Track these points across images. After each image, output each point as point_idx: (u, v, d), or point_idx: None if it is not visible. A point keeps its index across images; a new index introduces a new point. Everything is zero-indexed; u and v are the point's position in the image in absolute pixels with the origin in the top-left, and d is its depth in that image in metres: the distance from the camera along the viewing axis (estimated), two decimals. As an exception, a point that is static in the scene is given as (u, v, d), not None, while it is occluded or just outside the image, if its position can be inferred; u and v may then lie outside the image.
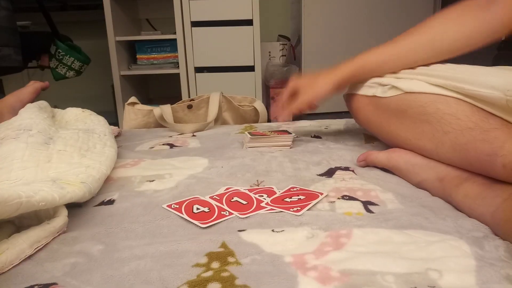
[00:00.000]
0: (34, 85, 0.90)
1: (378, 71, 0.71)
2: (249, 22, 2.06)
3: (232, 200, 0.57)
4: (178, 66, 2.15)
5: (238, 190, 0.61)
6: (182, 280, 0.39)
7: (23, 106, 0.77)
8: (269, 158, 0.75)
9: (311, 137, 0.92)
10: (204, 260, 0.43)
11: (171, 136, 0.97)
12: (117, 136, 0.97)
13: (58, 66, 1.93)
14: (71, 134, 0.70)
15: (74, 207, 0.56)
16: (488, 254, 0.42)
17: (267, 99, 2.40)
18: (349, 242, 0.45)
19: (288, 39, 2.62)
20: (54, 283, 0.39)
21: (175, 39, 2.11)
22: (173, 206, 0.56)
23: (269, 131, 0.87)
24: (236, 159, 0.75)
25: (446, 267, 0.40)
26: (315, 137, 0.92)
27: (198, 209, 0.55)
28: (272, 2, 2.68)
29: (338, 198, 0.57)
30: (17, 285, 0.39)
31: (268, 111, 1.12)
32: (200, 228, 0.50)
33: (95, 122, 0.83)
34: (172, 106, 1.07)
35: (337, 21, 2.56)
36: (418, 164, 0.63)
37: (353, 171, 0.68)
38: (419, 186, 0.62)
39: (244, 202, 0.56)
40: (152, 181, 0.66)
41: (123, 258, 0.44)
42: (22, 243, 0.44)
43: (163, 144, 0.89)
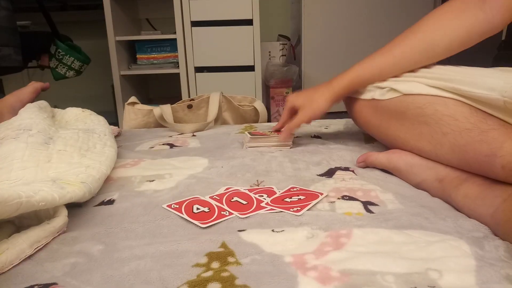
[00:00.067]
0: (34, 85, 0.90)
1: (374, 80, 0.71)
2: (249, 22, 2.06)
3: (232, 200, 0.57)
4: (178, 66, 2.15)
5: (238, 190, 0.61)
6: (182, 280, 0.39)
7: (23, 106, 0.77)
8: (269, 158, 0.75)
9: (311, 137, 0.92)
10: (204, 260, 0.43)
11: (171, 136, 0.97)
12: (117, 136, 0.97)
13: (58, 66, 1.93)
14: (71, 134, 0.70)
15: (74, 207, 0.56)
16: (488, 254, 0.42)
17: (267, 99, 2.40)
18: (349, 242, 0.46)
19: (288, 39, 2.62)
20: (54, 283, 0.39)
21: (175, 39, 2.10)
22: (173, 206, 0.56)
23: (268, 131, 0.87)
24: (236, 159, 0.75)
25: (446, 267, 0.40)
26: (315, 137, 0.92)
27: (198, 209, 0.55)
28: (272, 2, 2.68)
29: (338, 198, 0.57)
30: (17, 285, 0.39)
31: (268, 111, 1.12)
32: (200, 228, 0.50)
33: (95, 122, 0.83)
34: (172, 106, 1.07)
35: (337, 21, 2.56)
36: (418, 165, 0.63)
37: (353, 171, 0.68)
38: (419, 186, 0.62)
39: (244, 202, 0.56)
40: (152, 181, 0.66)
41: (123, 258, 0.44)
42: (22, 243, 0.44)
43: (163, 144, 0.89)
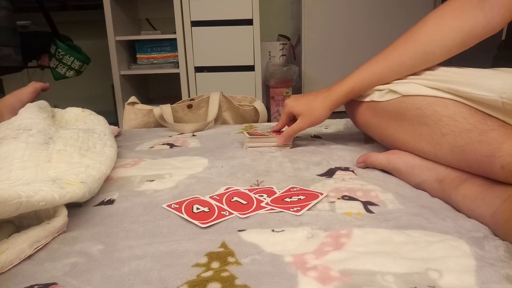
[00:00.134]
0: (34, 85, 0.90)
1: (374, 86, 0.71)
2: (249, 22, 2.06)
3: (232, 200, 0.57)
4: (178, 66, 2.15)
5: (238, 190, 0.61)
6: (182, 280, 0.39)
7: (23, 106, 0.77)
8: (269, 158, 0.75)
9: (311, 137, 0.92)
10: (204, 260, 0.43)
11: (171, 136, 0.97)
12: (117, 136, 0.97)
13: (58, 66, 1.93)
14: (71, 134, 0.70)
15: (74, 207, 0.55)
16: (488, 254, 0.42)
17: (267, 99, 2.40)
18: (349, 242, 0.45)
19: (288, 39, 2.62)
20: (54, 283, 0.39)
21: (175, 39, 2.10)
22: (173, 206, 0.56)
23: (268, 132, 0.87)
24: (236, 159, 0.75)
25: (446, 267, 0.40)
26: (315, 137, 0.92)
27: (198, 209, 0.55)
28: (272, 2, 2.68)
29: (338, 198, 0.57)
30: (17, 285, 0.39)
31: (268, 111, 1.12)
32: (200, 228, 0.50)
33: (95, 122, 0.83)
34: (172, 105, 1.07)
35: (337, 21, 2.56)
36: (418, 165, 0.63)
37: (353, 172, 0.68)
38: (419, 187, 0.62)
39: (244, 202, 0.56)
40: (152, 181, 0.66)
41: (123, 258, 0.44)
42: (22, 243, 0.44)
43: (163, 144, 0.89)
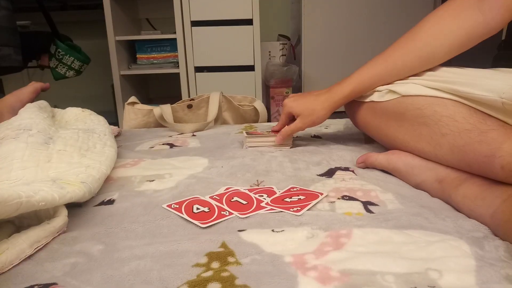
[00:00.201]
0: (34, 85, 0.90)
1: (374, 87, 0.71)
2: (249, 22, 2.06)
3: (232, 200, 0.57)
4: (178, 66, 2.15)
5: (238, 190, 0.61)
6: (182, 280, 0.39)
7: (23, 106, 0.77)
8: (269, 158, 0.75)
9: (311, 137, 0.92)
10: (204, 260, 0.43)
11: (171, 136, 0.97)
12: (117, 136, 0.97)
13: (58, 65, 1.93)
14: (71, 134, 0.70)
15: (74, 207, 0.56)
16: (488, 254, 0.42)
17: (267, 99, 2.39)
18: (349, 242, 0.45)
19: (288, 39, 2.61)
20: (54, 283, 0.39)
21: (175, 39, 2.10)
22: (173, 206, 0.56)
23: (267, 131, 0.87)
24: (236, 159, 0.75)
25: (446, 267, 0.40)
26: (315, 137, 0.92)
27: (198, 209, 0.55)
28: (272, 2, 2.68)
29: (338, 198, 0.57)
30: (17, 285, 0.39)
31: (268, 111, 1.12)
32: (200, 228, 0.50)
33: (95, 122, 0.83)
34: (172, 105, 1.07)
35: (337, 21, 2.56)
36: (417, 165, 0.63)
37: (353, 172, 0.68)
38: (419, 187, 0.62)
39: (244, 202, 0.56)
40: (152, 181, 0.66)
41: (123, 258, 0.44)
42: (22, 243, 0.44)
43: (163, 144, 0.89)
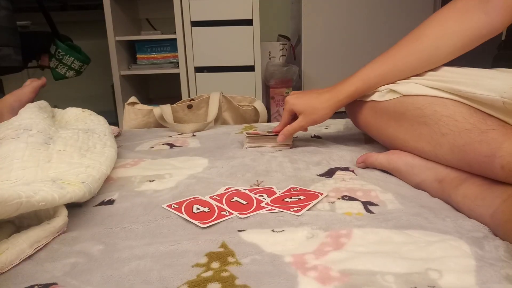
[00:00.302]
0: (33, 84, 0.90)
1: (376, 87, 0.71)
2: (249, 22, 2.06)
3: (232, 200, 0.57)
4: (178, 66, 2.15)
5: (238, 190, 0.61)
6: (182, 280, 0.39)
7: (23, 106, 0.77)
8: (269, 158, 0.75)
9: (311, 137, 0.92)
10: (204, 260, 0.43)
11: (171, 136, 0.97)
12: (117, 136, 0.97)
13: (58, 66, 1.93)
14: (71, 134, 0.70)
15: (74, 207, 0.56)
16: (488, 254, 0.42)
17: (267, 99, 2.39)
18: (349, 242, 0.45)
19: (288, 39, 2.61)
20: (54, 283, 0.39)
21: (175, 39, 2.10)
22: (173, 206, 0.56)
23: (268, 131, 0.87)
24: (236, 159, 0.75)
25: (446, 267, 0.40)
26: (315, 137, 0.92)
27: (198, 209, 0.55)
28: (272, 2, 2.68)
29: (338, 198, 0.57)
30: (17, 285, 0.39)
31: (268, 111, 1.12)
32: (200, 228, 0.50)
33: (95, 122, 0.83)
34: (172, 106, 1.07)
35: (337, 21, 2.56)
36: (417, 165, 0.63)
37: (353, 172, 0.68)
38: (419, 187, 0.62)
39: (244, 202, 0.56)
40: (152, 181, 0.66)
41: (123, 258, 0.44)
42: (22, 243, 0.44)
43: (163, 144, 0.89)
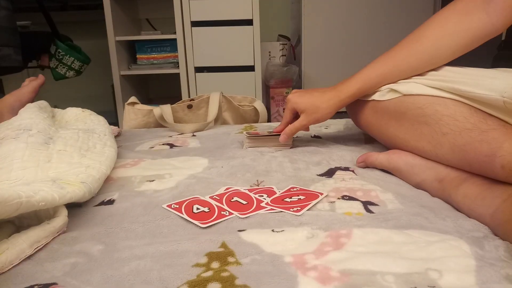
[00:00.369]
0: (32, 84, 0.89)
1: (378, 87, 0.71)
2: (249, 22, 2.06)
3: (232, 200, 0.57)
4: (178, 66, 2.15)
5: (238, 190, 0.61)
6: (182, 280, 0.39)
7: (23, 106, 0.77)
8: (269, 158, 0.75)
9: (311, 137, 0.92)
10: (204, 260, 0.43)
11: (171, 136, 0.97)
12: (117, 136, 0.97)
13: (58, 66, 1.93)
14: (71, 134, 0.70)
15: (74, 207, 0.56)
16: (488, 254, 0.42)
17: (267, 99, 2.39)
18: (349, 242, 0.45)
19: (288, 39, 2.61)
20: (54, 283, 0.39)
21: (175, 39, 2.10)
22: (173, 206, 0.56)
23: (268, 131, 0.87)
24: (236, 159, 0.75)
25: (446, 267, 0.40)
26: (315, 137, 0.92)
27: (198, 209, 0.55)
28: (272, 2, 2.68)
29: (338, 198, 0.57)
30: (17, 285, 0.39)
31: (268, 111, 1.12)
32: (200, 228, 0.50)
33: (95, 122, 0.83)
34: (172, 106, 1.07)
35: (337, 21, 2.56)
36: (418, 165, 0.63)
37: (353, 171, 0.68)
38: (419, 187, 0.62)
39: (244, 202, 0.56)
40: (152, 181, 0.66)
41: (123, 258, 0.44)
42: (22, 243, 0.44)
43: (163, 144, 0.89)
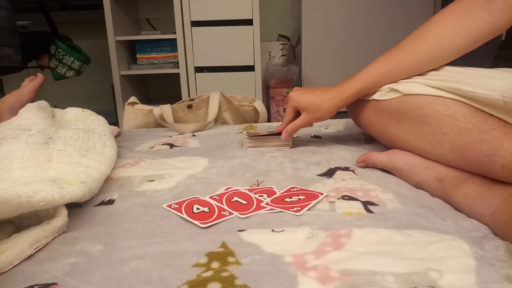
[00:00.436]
0: (32, 83, 0.89)
1: (379, 86, 0.71)
2: (249, 22, 2.06)
3: (232, 200, 0.57)
4: (178, 66, 2.15)
5: (238, 190, 0.61)
6: (182, 280, 0.39)
7: (23, 106, 0.77)
8: (269, 158, 0.75)
9: (311, 137, 0.92)
10: (204, 260, 0.43)
11: (171, 136, 0.97)
12: (117, 136, 0.97)
13: (58, 66, 1.93)
14: (71, 134, 0.70)
15: (74, 207, 0.56)
16: (488, 254, 0.42)
17: (267, 99, 2.39)
18: (349, 242, 0.45)
19: (288, 39, 2.61)
20: (54, 283, 0.39)
21: (175, 39, 2.10)
22: (173, 206, 0.56)
23: (268, 131, 0.87)
24: (236, 159, 0.75)
25: (446, 267, 0.40)
26: (315, 137, 0.92)
27: (198, 209, 0.55)
28: (272, 2, 2.68)
29: (338, 198, 0.57)
30: (17, 285, 0.39)
31: (268, 111, 1.12)
32: (200, 228, 0.50)
33: (95, 122, 0.83)
34: (172, 106, 1.07)
35: (337, 21, 2.56)
36: (418, 164, 0.63)
37: (353, 171, 0.68)
38: (419, 186, 0.62)
39: (244, 202, 0.56)
40: (152, 181, 0.66)
41: (123, 258, 0.44)
42: (22, 243, 0.44)
43: (163, 144, 0.89)
